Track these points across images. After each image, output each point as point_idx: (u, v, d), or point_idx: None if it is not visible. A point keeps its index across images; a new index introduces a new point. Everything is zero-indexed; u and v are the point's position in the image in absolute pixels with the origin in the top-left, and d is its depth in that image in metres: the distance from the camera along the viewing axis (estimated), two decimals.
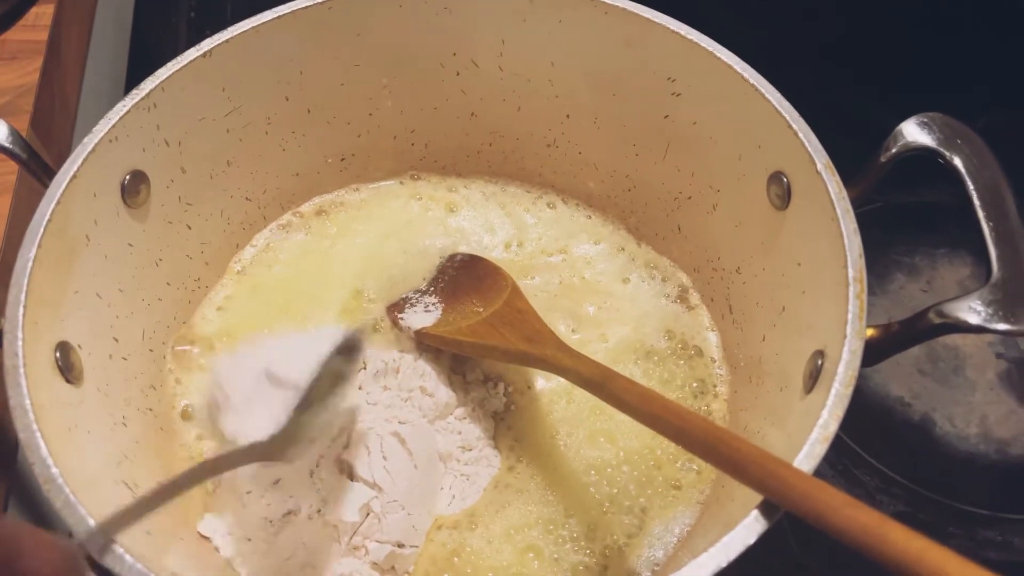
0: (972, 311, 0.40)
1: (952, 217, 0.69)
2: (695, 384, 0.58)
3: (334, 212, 0.66)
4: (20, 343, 0.41)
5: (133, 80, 0.51)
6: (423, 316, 0.58)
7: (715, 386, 0.58)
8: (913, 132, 0.46)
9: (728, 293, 0.58)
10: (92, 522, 0.37)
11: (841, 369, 0.40)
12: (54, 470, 0.38)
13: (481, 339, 0.53)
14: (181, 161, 0.55)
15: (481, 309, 0.56)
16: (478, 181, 0.68)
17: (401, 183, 0.68)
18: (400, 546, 0.50)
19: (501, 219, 0.66)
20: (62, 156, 0.49)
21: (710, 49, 0.52)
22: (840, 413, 0.39)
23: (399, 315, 0.59)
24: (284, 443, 0.44)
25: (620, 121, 0.60)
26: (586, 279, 0.63)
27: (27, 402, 0.40)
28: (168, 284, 0.57)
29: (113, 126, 0.49)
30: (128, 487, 0.45)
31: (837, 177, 0.46)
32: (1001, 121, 0.63)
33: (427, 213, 0.66)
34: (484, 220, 0.66)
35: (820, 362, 0.44)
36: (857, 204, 0.47)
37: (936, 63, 0.74)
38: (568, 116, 0.62)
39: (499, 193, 0.67)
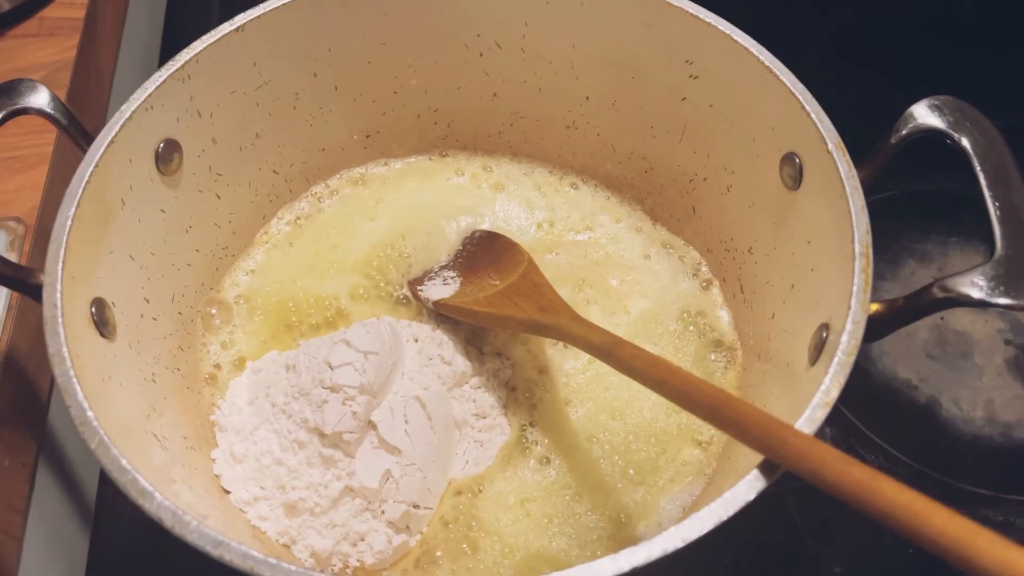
0: (975, 285, 0.41)
1: (965, 206, 0.69)
2: (709, 359, 0.59)
3: (371, 183, 0.68)
4: (59, 296, 0.43)
5: (166, 58, 0.53)
6: (442, 288, 0.60)
7: (726, 362, 0.59)
8: (923, 114, 0.47)
9: (740, 273, 0.59)
10: (125, 462, 0.39)
11: (844, 339, 0.41)
12: (89, 413, 0.40)
13: (497, 310, 0.54)
14: (212, 132, 0.57)
15: (498, 282, 0.57)
16: (503, 160, 0.70)
17: (431, 159, 0.69)
18: (415, 507, 0.52)
19: (538, 199, 0.68)
20: (97, 130, 0.51)
21: (727, 32, 0.53)
22: (842, 380, 0.41)
23: (419, 288, 0.61)
24: None
25: (638, 103, 0.62)
26: (610, 254, 0.64)
27: (64, 350, 0.42)
28: (197, 250, 0.59)
29: (149, 95, 0.51)
30: (156, 438, 0.47)
31: (847, 156, 0.47)
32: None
33: (476, 189, 0.68)
34: (525, 200, 0.67)
35: (825, 335, 0.45)
36: (868, 186, 0.48)
37: (953, 50, 0.74)
38: (588, 98, 0.64)
39: (531, 173, 0.69)
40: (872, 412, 0.60)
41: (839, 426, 0.60)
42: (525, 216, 0.67)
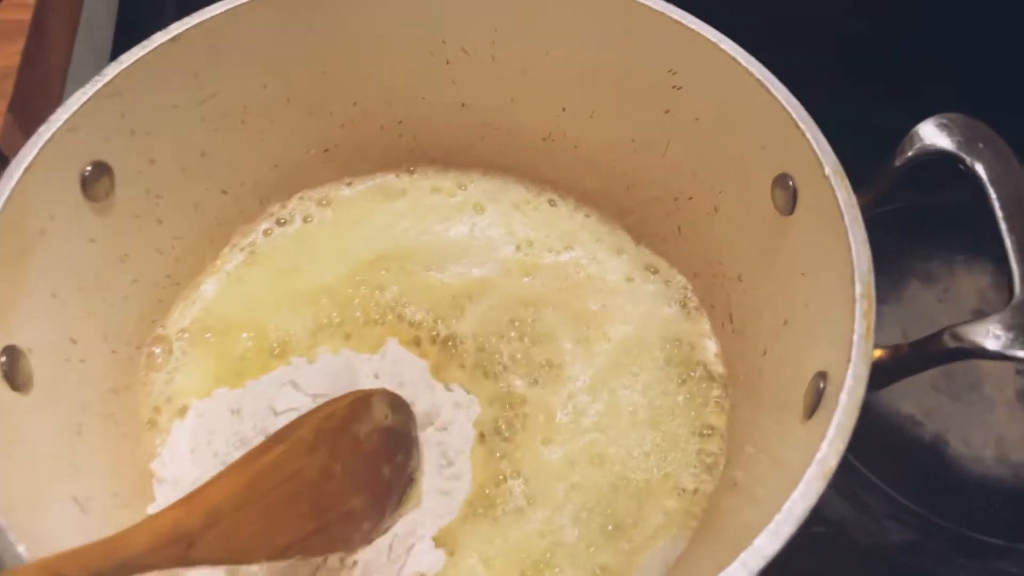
0: (991, 336, 0.37)
1: (973, 221, 0.65)
2: (695, 392, 0.54)
3: (336, 204, 0.63)
4: None
5: None
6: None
7: (714, 398, 0.54)
8: (931, 134, 0.43)
9: (729, 301, 0.55)
10: (22, 548, 0.34)
11: (844, 397, 0.37)
12: None
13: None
14: (150, 152, 0.52)
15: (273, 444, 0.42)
16: (475, 175, 0.65)
17: (397, 176, 0.64)
18: None
19: (517, 217, 0.63)
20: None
21: (713, 40, 0.48)
22: (841, 447, 0.36)
23: None
24: None
25: (618, 115, 0.57)
26: (591, 276, 0.60)
27: None
28: (136, 281, 0.54)
29: (72, 115, 0.46)
30: (78, 503, 0.42)
31: (847, 182, 0.43)
32: None
33: (452, 210, 0.63)
34: (504, 218, 0.63)
35: (822, 385, 0.40)
36: (869, 210, 0.43)
37: (958, 61, 0.69)
38: (564, 109, 0.59)
39: (506, 190, 0.64)
40: (874, 452, 0.55)
41: (839, 469, 0.55)
42: (504, 236, 0.62)
